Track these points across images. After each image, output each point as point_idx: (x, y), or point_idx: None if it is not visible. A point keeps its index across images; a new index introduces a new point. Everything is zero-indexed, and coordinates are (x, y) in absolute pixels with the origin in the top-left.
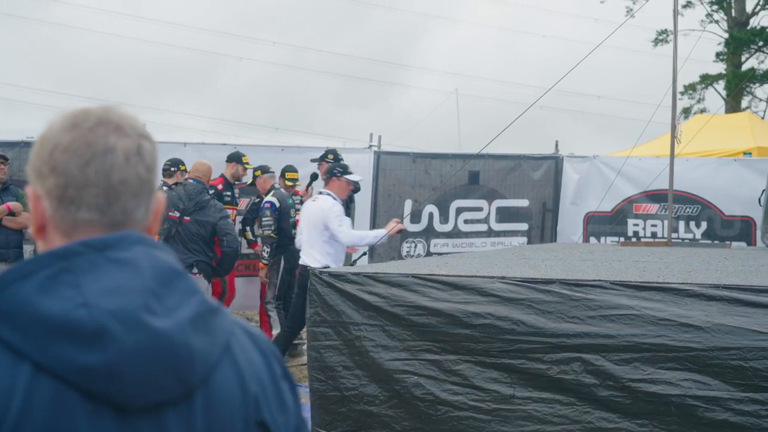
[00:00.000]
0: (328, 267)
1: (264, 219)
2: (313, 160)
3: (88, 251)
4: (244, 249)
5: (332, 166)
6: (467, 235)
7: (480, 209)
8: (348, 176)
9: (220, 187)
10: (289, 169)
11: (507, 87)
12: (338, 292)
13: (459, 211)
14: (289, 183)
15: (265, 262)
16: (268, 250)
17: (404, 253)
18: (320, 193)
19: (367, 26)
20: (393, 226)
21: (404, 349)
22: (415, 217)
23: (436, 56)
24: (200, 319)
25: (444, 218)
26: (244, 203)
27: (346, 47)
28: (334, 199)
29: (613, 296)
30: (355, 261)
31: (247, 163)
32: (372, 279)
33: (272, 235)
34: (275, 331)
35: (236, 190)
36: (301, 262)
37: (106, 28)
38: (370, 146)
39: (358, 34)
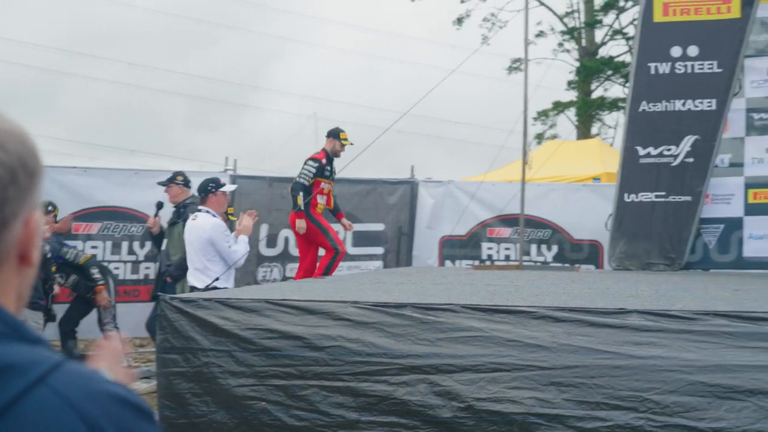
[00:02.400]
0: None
1: None
2: (160, 183)
3: None
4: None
5: (205, 182)
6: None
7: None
8: (223, 188)
9: (324, 161)
10: None
11: (364, 111)
12: (188, 318)
13: None
14: None
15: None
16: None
17: (260, 278)
18: (199, 210)
19: (222, 48)
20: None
21: (252, 374)
22: (271, 242)
23: (294, 80)
24: None
25: None
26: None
27: (200, 69)
28: (214, 215)
29: (463, 319)
30: (208, 286)
31: (344, 139)
32: (224, 304)
33: None
34: None
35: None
36: (189, 283)
37: None
38: (226, 170)
39: (212, 56)
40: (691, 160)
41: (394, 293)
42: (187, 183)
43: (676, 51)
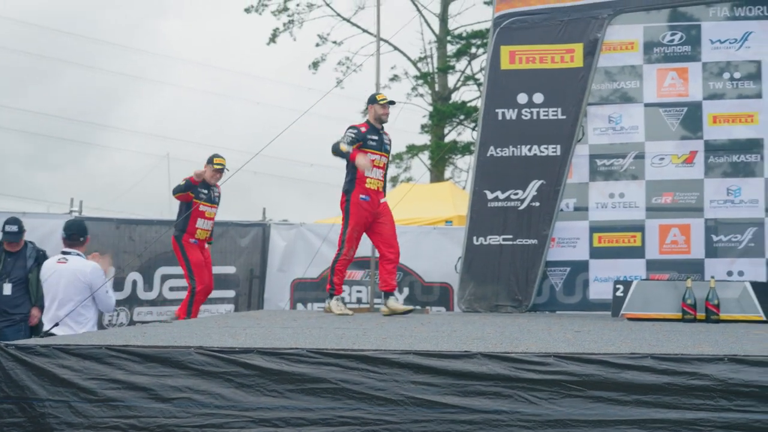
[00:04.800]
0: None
1: None
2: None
3: None
4: None
5: (74, 225)
6: (173, 302)
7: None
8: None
9: (364, 129)
10: None
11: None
12: (24, 366)
13: (164, 278)
14: None
15: None
16: None
17: (106, 323)
18: (68, 253)
19: (64, 85)
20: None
21: (91, 426)
22: (118, 285)
23: (143, 119)
24: None
25: (148, 286)
26: None
27: (41, 105)
28: (84, 257)
29: (310, 366)
30: (46, 332)
31: (383, 100)
32: (63, 351)
33: None
34: None
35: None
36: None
37: None
38: (71, 211)
39: (54, 93)
40: (537, 204)
41: (240, 337)
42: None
43: (522, 98)
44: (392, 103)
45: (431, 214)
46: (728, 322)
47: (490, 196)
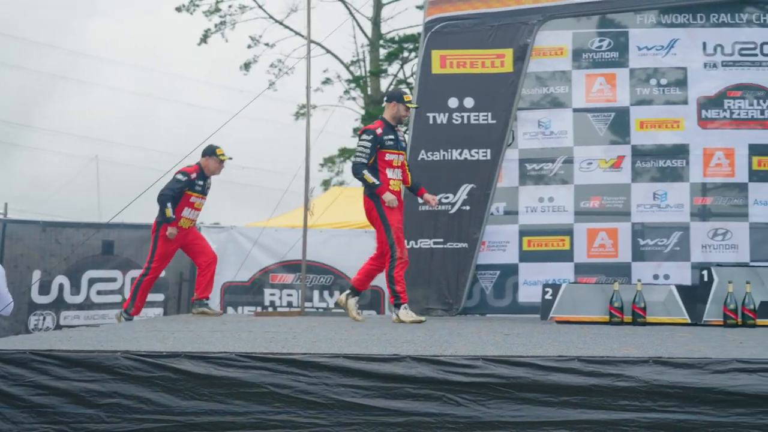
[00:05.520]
0: None
1: None
2: None
3: None
4: None
5: None
6: (100, 306)
7: (114, 280)
8: None
9: (380, 130)
10: None
11: (146, 153)
12: None
13: (92, 281)
14: None
15: None
16: None
17: (32, 327)
18: None
19: None
20: None
21: None
22: (44, 289)
23: (70, 120)
24: None
25: (76, 289)
26: None
27: None
28: None
29: (239, 370)
30: None
31: (409, 102)
32: None
33: None
34: None
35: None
36: None
37: None
38: None
39: None
40: (467, 208)
41: (169, 342)
42: None
43: (453, 102)
44: (416, 107)
45: (363, 217)
46: (654, 325)
47: (421, 199)
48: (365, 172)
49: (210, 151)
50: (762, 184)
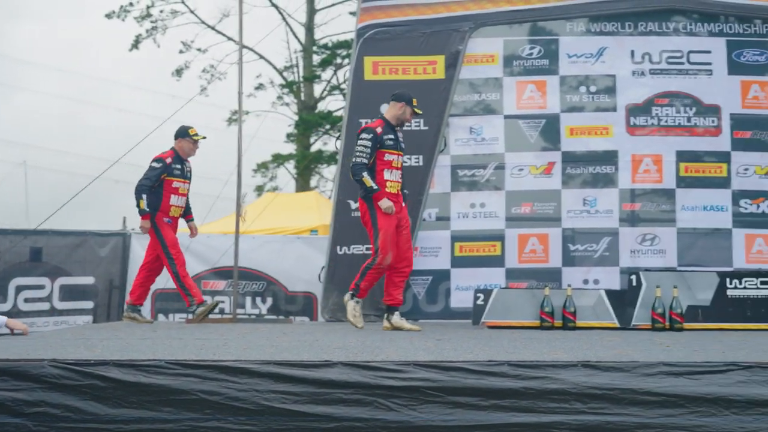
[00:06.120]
0: None
1: None
2: None
3: None
4: None
5: None
6: (28, 314)
7: (42, 287)
8: None
9: (380, 129)
10: None
11: (75, 159)
12: None
13: (19, 289)
14: None
15: None
16: None
17: None
18: None
19: None
20: None
21: None
22: None
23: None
24: None
25: (2, 297)
26: None
27: None
28: None
29: (169, 377)
30: None
31: (417, 107)
32: None
33: None
34: None
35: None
36: None
37: None
38: None
39: None
40: None
41: (97, 350)
42: None
43: (385, 108)
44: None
45: (296, 223)
46: (584, 329)
47: (353, 205)
48: (365, 174)
49: (182, 133)
50: (689, 190)
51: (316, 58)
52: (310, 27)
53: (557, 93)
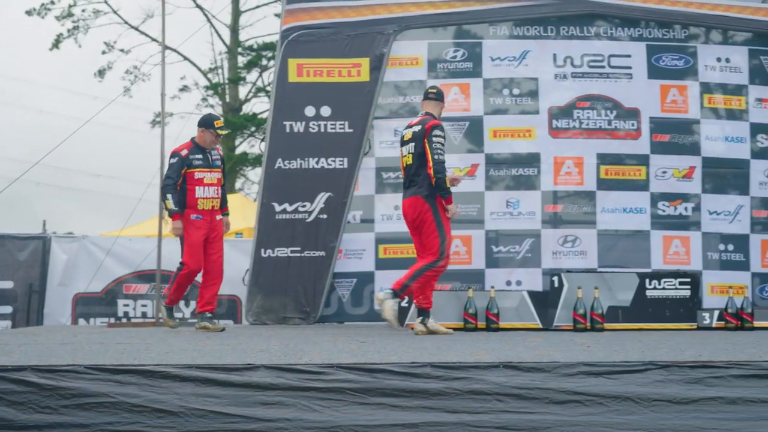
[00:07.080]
0: None
1: None
2: None
3: None
4: None
5: None
6: None
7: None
8: None
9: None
10: None
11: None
12: None
13: None
14: None
15: None
16: None
17: None
18: None
19: None
20: None
21: None
22: None
23: None
24: None
25: None
26: None
27: None
28: None
29: (88, 382)
30: None
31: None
32: None
33: None
34: None
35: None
36: None
37: None
38: None
39: None
40: (324, 216)
41: (15, 355)
42: None
43: (309, 111)
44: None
45: None
46: (507, 331)
47: (278, 208)
48: (447, 174)
49: (208, 123)
50: (609, 192)
51: (241, 60)
52: (235, 28)
53: (481, 96)
